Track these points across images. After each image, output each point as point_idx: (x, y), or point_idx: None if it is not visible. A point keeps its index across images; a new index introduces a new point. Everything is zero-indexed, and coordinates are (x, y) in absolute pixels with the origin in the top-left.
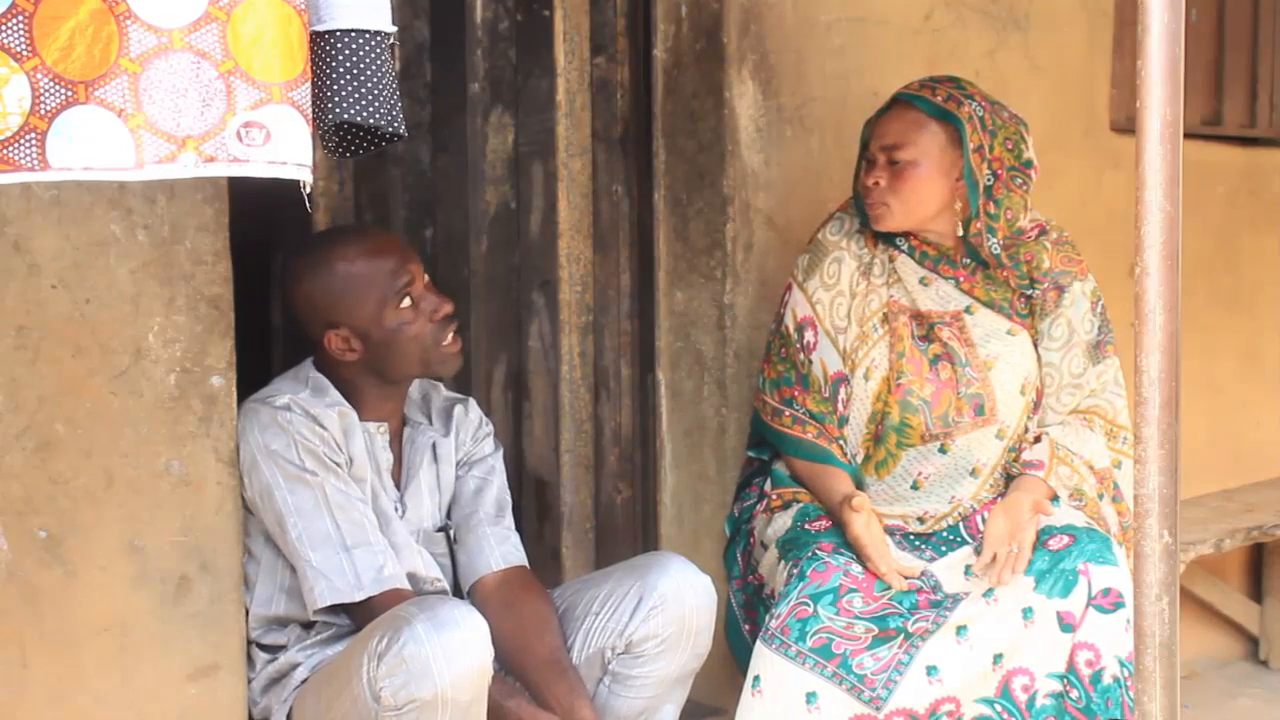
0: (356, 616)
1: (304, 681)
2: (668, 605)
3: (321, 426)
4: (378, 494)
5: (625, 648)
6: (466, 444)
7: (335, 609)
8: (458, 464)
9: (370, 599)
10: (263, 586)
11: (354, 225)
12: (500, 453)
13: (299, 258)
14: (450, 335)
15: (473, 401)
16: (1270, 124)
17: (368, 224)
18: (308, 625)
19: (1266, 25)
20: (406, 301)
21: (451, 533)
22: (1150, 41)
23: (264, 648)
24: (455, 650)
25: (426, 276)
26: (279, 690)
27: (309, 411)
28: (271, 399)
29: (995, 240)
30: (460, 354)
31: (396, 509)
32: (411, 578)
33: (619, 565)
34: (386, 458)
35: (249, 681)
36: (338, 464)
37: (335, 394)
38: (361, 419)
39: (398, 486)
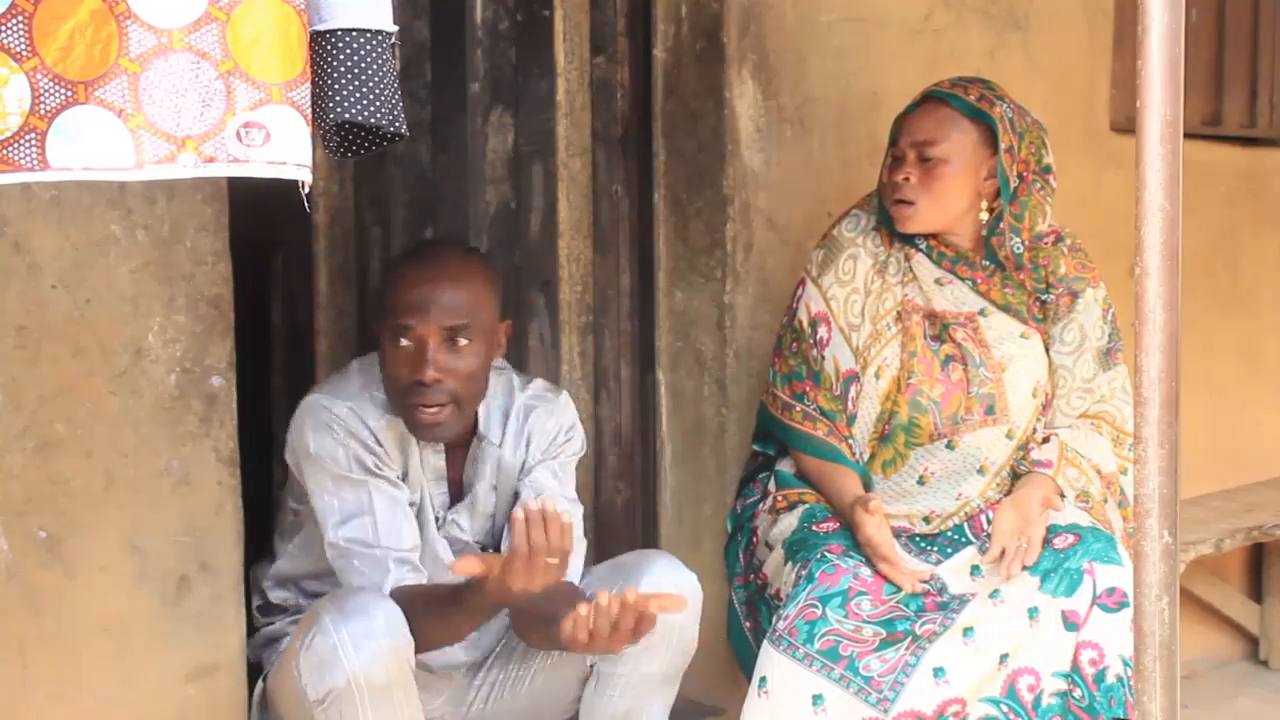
0: None
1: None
2: None
3: (374, 437)
4: (425, 504)
5: None
6: (535, 456)
7: None
8: (520, 468)
9: None
10: (293, 540)
11: (453, 247)
12: (573, 458)
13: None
14: (421, 403)
15: (563, 400)
16: (1270, 124)
17: (470, 253)
18: (310, 594)
19: (1266, 25)
20: (404, 341)
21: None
22: (1150, 41)
23: (265, 606)
24: (361, 636)
25: (458, 342)
26: (270, 653)
27: (365, 421)
28: (333, 400)
29: (1018, 241)
30: (431, 428)
31: (438, 520)
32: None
33: (605, 563)
34: (438, 465)
35: (249, 636)
36: (384, 471)
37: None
38: None
39: (452, 499)
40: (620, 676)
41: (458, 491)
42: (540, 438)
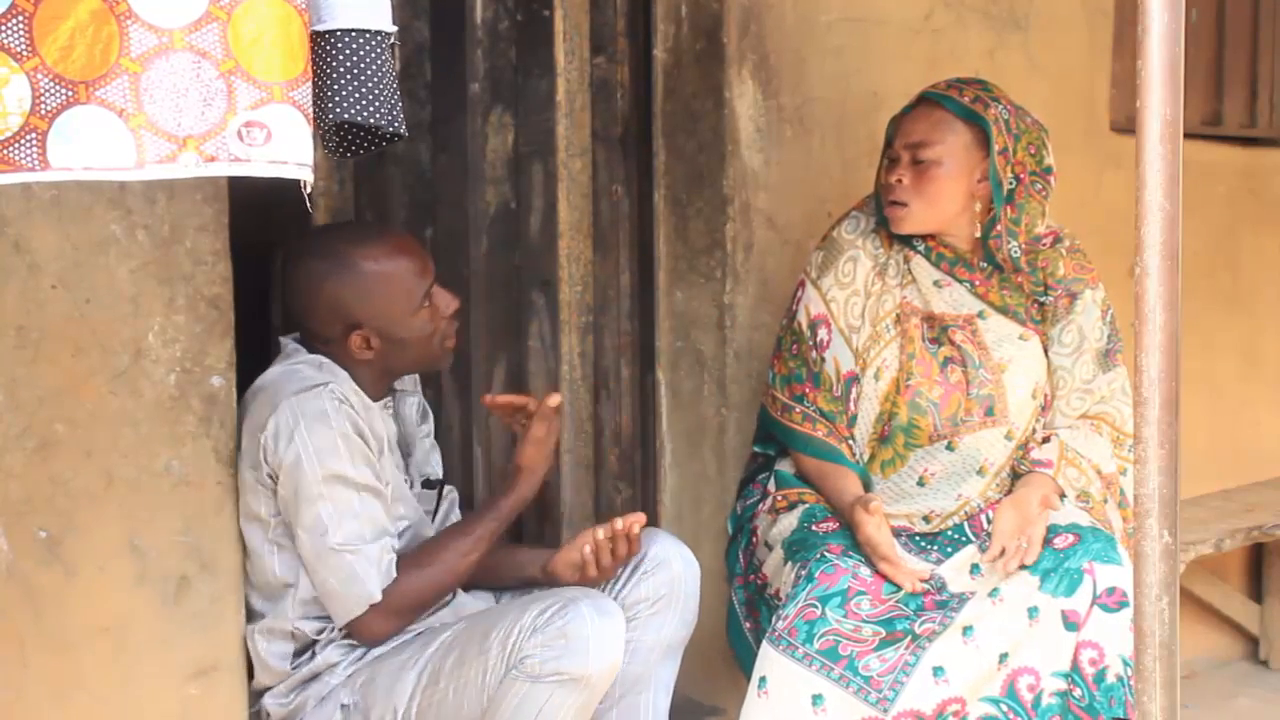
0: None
1: (350, 676)
2: (660, 569)
3: (360, 419)
4: (396, 471)
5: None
6: (419, 400)
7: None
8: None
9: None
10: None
11: (366, 223)
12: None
13: (316, 257)
14: (454, 331)
15: None
16: (1270, 124)
17: (377, 222)
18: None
19: (1266, 25)
20: (427, 303)
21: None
22: (1150, 41)
23: (301, 649)
24: (610, 638)
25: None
26: (318, 685)
27: (351, 402)
28: (321, 388)
29: (1015, 244)
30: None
31: (408, 481)
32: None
33: None
34: (392, 428)
35: (273, 685)
36: (374, 455)
37: (349, 380)
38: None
39: (405, 456)
40: (630, 642)
41: (404, 450)
42: (412, 381)
